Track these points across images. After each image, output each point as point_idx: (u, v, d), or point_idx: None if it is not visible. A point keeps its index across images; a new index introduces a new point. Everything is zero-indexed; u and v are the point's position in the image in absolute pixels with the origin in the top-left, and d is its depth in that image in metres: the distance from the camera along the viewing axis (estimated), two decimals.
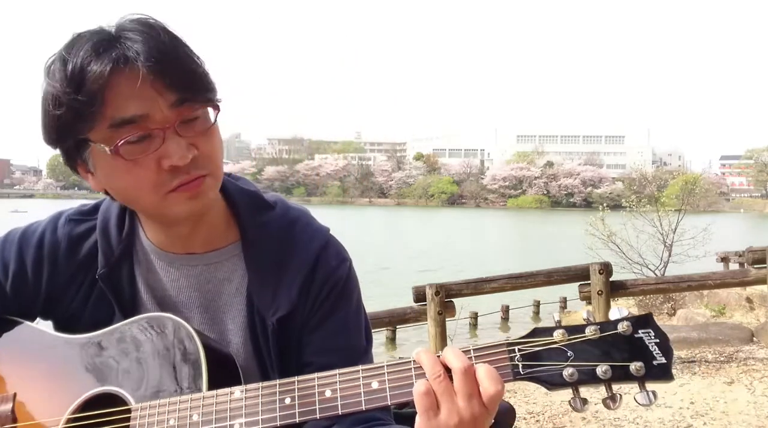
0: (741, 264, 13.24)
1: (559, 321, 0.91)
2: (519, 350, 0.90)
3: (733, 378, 5.62)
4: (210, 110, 1.06)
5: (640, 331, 0.89)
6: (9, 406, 1.11)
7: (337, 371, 0.94)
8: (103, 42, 0.98)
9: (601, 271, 6.46)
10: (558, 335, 0.90)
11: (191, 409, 0.99)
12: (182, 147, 1.00)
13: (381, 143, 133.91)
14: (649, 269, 12.81)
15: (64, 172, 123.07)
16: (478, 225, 57.21)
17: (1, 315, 1.20)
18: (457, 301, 6.61)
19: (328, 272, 1.19)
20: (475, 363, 0.90)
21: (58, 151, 1.07)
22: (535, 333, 0.91)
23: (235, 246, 1.19)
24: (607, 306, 6.44)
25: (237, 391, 0.98)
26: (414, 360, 0.92)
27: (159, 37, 1.00)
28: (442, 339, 6.27)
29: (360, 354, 1.19)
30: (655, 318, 0.91)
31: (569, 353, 0.89)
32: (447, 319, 6.36)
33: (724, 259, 16.05)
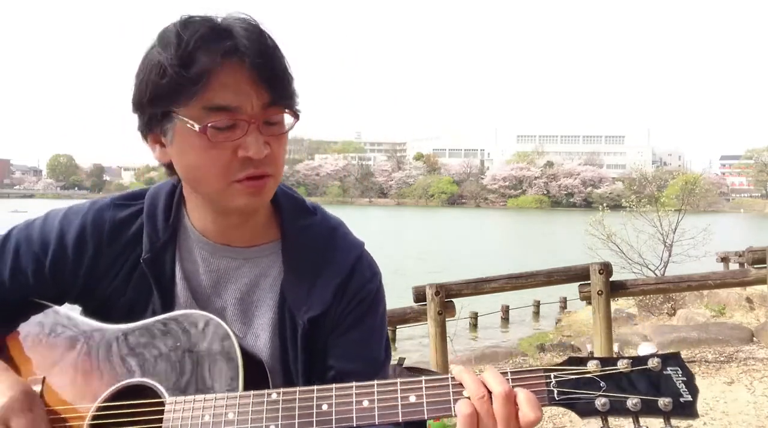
0: (741, 264, 13.25)
1: (592, 352, 0.94)
2: (555, 377, 0.94)
3: (733, 378, 5.63)
4: (288, 117, 1.11)
5: (668, 368, 0.93)
6: (38, 389, 1.11)
7: (375, 382, 0.97)
8: (217, 30, 1.04)
9: (601, 271, 6.45)
10: (592, 365, 0.94)
11: (227, 407, 1.00)
12: (260, 142, 1.06)
13: (381, 143, 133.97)
14: (649, 269, 12.83)
15: (64, 172, 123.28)
16: (478, 225, 57.16)
17: (36, 300, 1.21)
18: (457, 301, 6.60)
19: (362, 282, 1.22)
20: (514, 387, 0.93)
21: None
22: (570, 362, 0.95)
23: (274, 245, 1.22)
24: (608, 307, 6.44)
25: (274, 393, 0.99)
26: (453, 377, 0.95)
27: (263, 38, 1.06)
28: (442, 340, 6.26)
29: (379, 366, 1.22)
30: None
31: (602, 384, 0.92)
32: (447, 319, 6.35)
33: (724, 259, 16.07)
